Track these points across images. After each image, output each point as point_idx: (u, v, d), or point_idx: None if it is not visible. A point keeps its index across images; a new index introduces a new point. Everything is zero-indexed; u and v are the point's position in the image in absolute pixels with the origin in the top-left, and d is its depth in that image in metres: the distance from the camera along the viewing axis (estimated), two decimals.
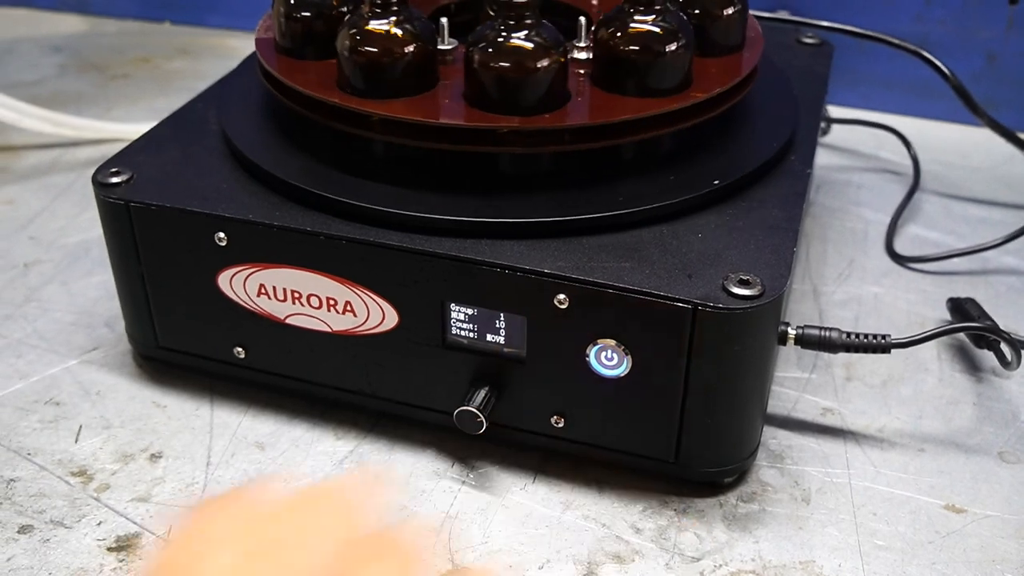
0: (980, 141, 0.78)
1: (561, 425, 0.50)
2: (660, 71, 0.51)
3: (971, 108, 0.73)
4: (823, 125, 0.82)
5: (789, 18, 0.76)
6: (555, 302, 0.46)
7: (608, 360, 0.47)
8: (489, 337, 0.49)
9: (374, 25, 0.50)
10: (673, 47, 0.50)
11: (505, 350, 0.49)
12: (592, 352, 0.47)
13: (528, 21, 0.48)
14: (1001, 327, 0.57)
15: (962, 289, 0.65)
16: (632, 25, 0.50)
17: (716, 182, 0.51)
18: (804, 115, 0.60)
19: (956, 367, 0.59)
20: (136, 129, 0.78)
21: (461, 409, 0.49)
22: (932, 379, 0.58)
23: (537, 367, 0.49)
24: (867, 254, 0.69)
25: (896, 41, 0.73)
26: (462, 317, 0.49)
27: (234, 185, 0.52)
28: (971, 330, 0.55)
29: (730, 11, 0.55)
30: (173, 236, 0.52)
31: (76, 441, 0.54)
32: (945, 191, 0.77)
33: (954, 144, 0.83)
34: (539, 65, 0.48)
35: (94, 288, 0.65)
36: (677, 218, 0.50)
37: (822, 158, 0.80)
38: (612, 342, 0.46)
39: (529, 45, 0.48)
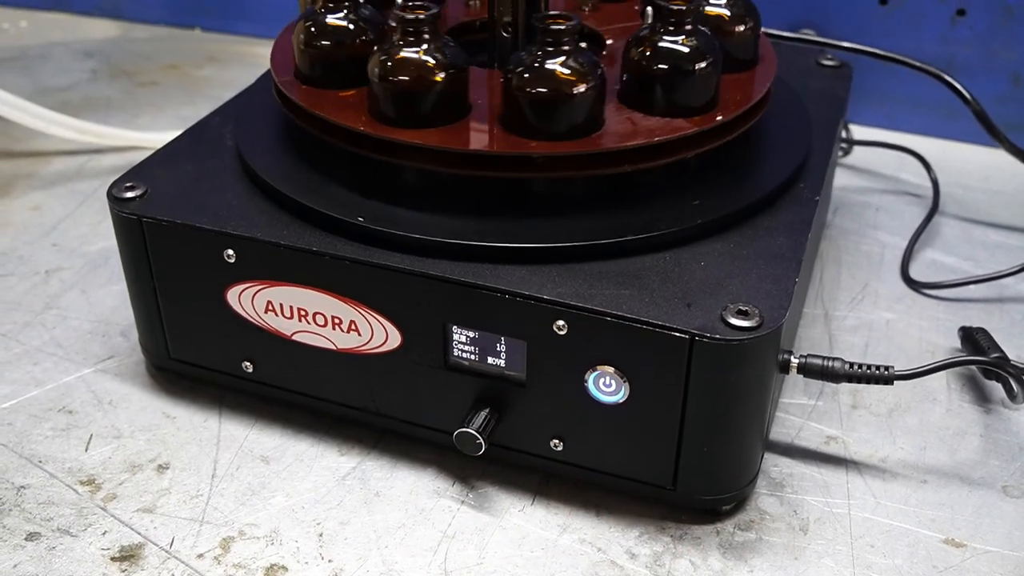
0: (1003, 164, 0.78)
1: (560, 448, 0.50)
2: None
3: (991, 132, 0.72)
4: (844, 146, 0.82)
5: (811, 38, 0.75)
6: (554, 328, 0.46)
7: (606, 386, 0.47)
8: (490, 360, 0.49)
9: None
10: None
11: (506, 373, 0.49)
12: (591, 378, 0.47)
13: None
14: (1012, 358, 0.57)
15: (976, 317, 0.65)
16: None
17: (719, 212, 0.51)
18: (818, 139, 0.60)
19: (965, 397, 0.59)
20: (158, 138, 0.79)
21: (461, 431, 0.49)
22: (940, 409, 0.58)
23: (537, 391, 0.49)
24: (881, 279, 0.69)
25: (918, 64, 0.72)
26: (463, 339, 0.49)
27: (245, 202, 0.53)
28: (975, 363, 0.55)
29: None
30: (184, 251, 0.53)
31: (86, 450, 0.55)
32: (965, 215, 0.76)
33: (976, 166, 0.82)
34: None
35: (112, 297, 0.66)
36: (681, 245, 0.50)
37: (842, 179, 0.80)
38: (610, 369, 0.47)
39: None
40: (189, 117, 0.87)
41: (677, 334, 0.44)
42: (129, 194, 0.54)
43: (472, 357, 0.49)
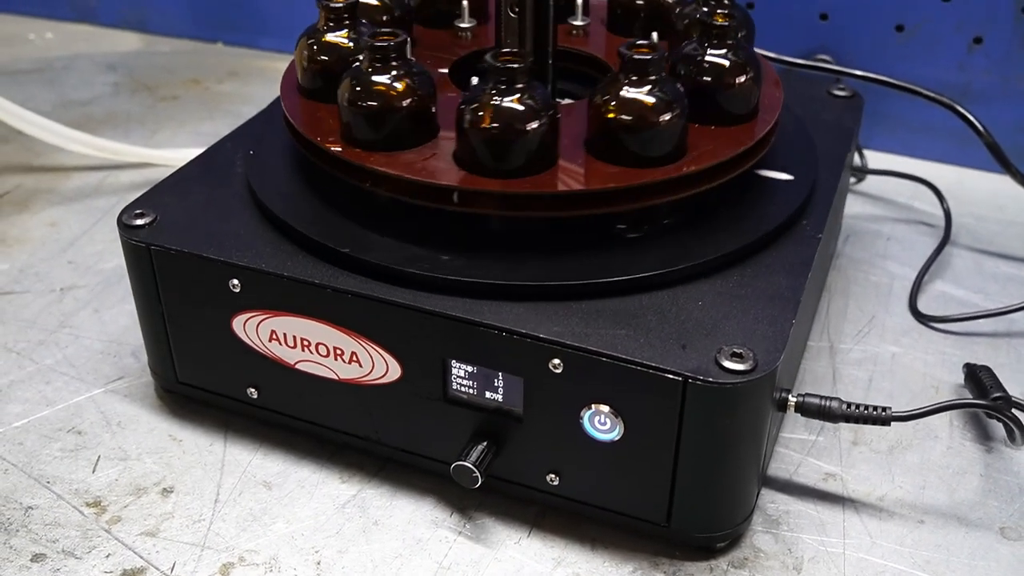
0: (1017, 194, 0.77)
1: (556, 483, 0.51)
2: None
3: (1003, 164, 0.72)
4: (855, 175, 0.82)
5: (824, 66, 0.75)
6: (550, 366, 0.47)
7: (601, 424, 0.48)
8: (488, 394, 0.50)
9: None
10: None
11: (503, 408, 0.50)
12: (586, 416, 0.48)
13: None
14: (1017, 395, 0.56)
15: (983, 352, 0.65)
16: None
17: (719, 252, 0.51)
18: (824, 173, 0.60)
19: (967, 435, 0.58)
20: (174, 155, 0.81)
21: (457, 464, 0.50)
22: (940, 447, 0.58)
23: (533, 426, 0.49)
24: (889, 311, 0.69)
25: (931, 94, 0.72)
26: (462, 374, 0.50)
27: (252, 231, 0.54)
28: (973, 407, 0.54)
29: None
30: (191, 279, 0.54)
31: (94, 471, 0.56)
32: (977, 246, 0.76)
33: (991, 195, 0.82)
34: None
35: (124, 316, 0.67)
36: (680, 284, 0.50)
37: (855, 207, 0.80)
38: (605, 408, 0.47)
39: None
40: (207, 133, 0.89)
41: (671, 376, 0.45)
42: (139, 221, 0.55)
43: (471, 391, 0.50)
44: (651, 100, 0.50)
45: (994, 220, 0.79)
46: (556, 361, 0.47)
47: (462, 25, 0.66)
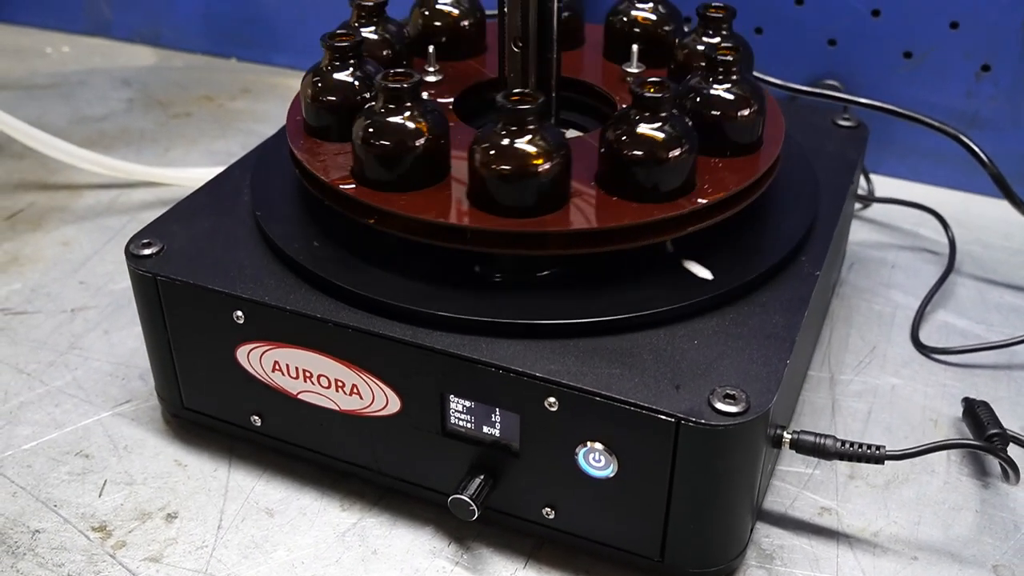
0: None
1: (552, 516, 0.51)
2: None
3: (1007, 195, 0.72)
4: (861, 202, 0.82)
5: (830, 93, 0.76)
6: (546, 404, 0.48)
7: (596, 461, 0.48)
8: (485, 429, 0.50)
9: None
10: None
11: (500, 442, 0.50)
12: (581, 453, 0.48)
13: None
14: (1016, 430, 0.57)
15: (983, 384, 0.65)
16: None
17: (715, 290, 0.51)
18: (825, 207, 0.60)
19: (964, 470, 0.59)
20: (184, 175, 0.82)
21: (455, 497, 0.50)
22: (937, 482, 0.58)
23: (529, 461, 0.50)
24: (891, 341, 0.69)
25: (936, 123, 0.73)
26: (460, 408, 0.50)
27: (257, 262, 0.55)
28: (966, 447, 0.55)
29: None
30: (196, 310, 0.54)
31: (100, 495, 0.57)
32: (982, 275, 0.76)
33: (997, 223, 0.82)
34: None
35: (133, 338, 0.68)
36: (676, 322, 0.51)
37: (860, 233, 0.80)
38: (600, 445, 0.48)
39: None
40: (219, 152, 0.90)
41: (664, 417, 0.45)
42: (146, 251, 0.56)
43: (468, 425, 0.51)
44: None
45: (1000, 248, 0.79)
46: (551, 399, 0.47)
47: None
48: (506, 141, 0.50)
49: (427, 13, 0.67)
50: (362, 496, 0.57)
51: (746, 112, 0.56)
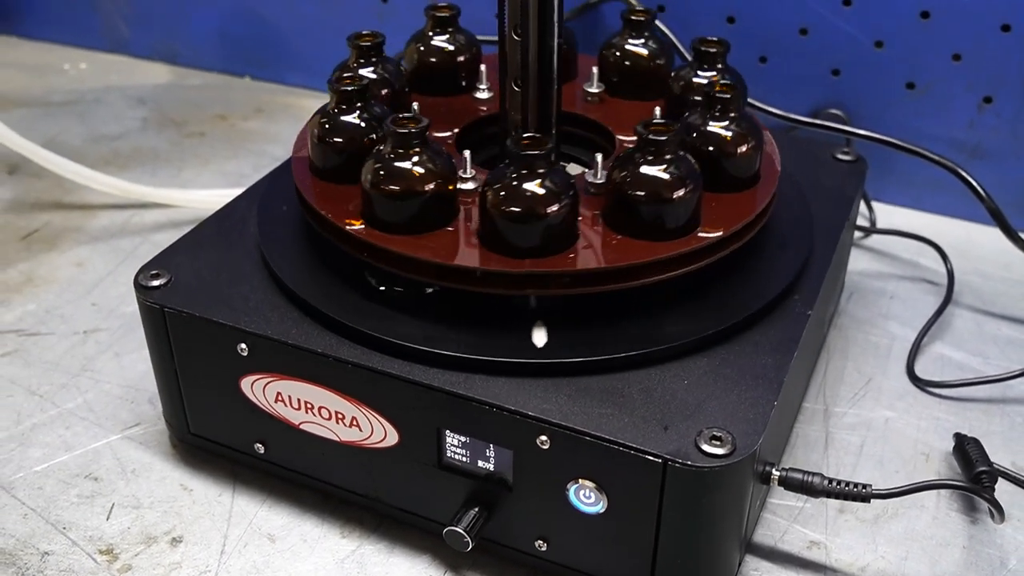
0: None
1: (544, 548, 0.53)
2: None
3: (1004, 230, 0.73)
4: (861, 231, 0.83)
5: (830, 125, 0.77)
6: (538, 442, 0.49)
7: (586, 498, 0.50)
8: (480, 463, 0.52)
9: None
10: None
11: (495, 476, 0.52)
12: (572, 489, 0.50)
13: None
14: (1007, 465, 0.58)
15: (976, 418, 0.66)
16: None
17: (706, 331, 0.53)
18: (819, 245, 0.61)
19: (953, 505, 0.60)
20: (196, 198, 0.83)
21: (449, 529, 0.52)
22: (927, 517, 0.59)
23: (523, 495, 0.51)
24: (886, 374, 0.70)
25: (935, 157, 0.74)
26: (456, 443, 0.52)
27: (261, 296, 0.56)
28: (952, 487, 0.56)
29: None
30: (202, 341, 0.56)
31: (108, 519, 0.58)
32: (980, 306, 0.77)
33: (998, 253, 0.82)
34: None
35: (143, 361, 0.69)
36: (667, 361, 0.52)
37: (860, 262, 0.81)
38: (590, 483, 0.49)
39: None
40: (231, 173, 0.92)
41: (651, 457, 0.47)
42: (154, 282, 0.58)
43: (464, 459, 0.52)
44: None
45: (999, 279, 0.80)
46: (543, 437, 0.49)
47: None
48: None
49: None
50: (361, 523, 0.58)
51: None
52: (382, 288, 0.54)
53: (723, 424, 0.48)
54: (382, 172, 0.53)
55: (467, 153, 0.58)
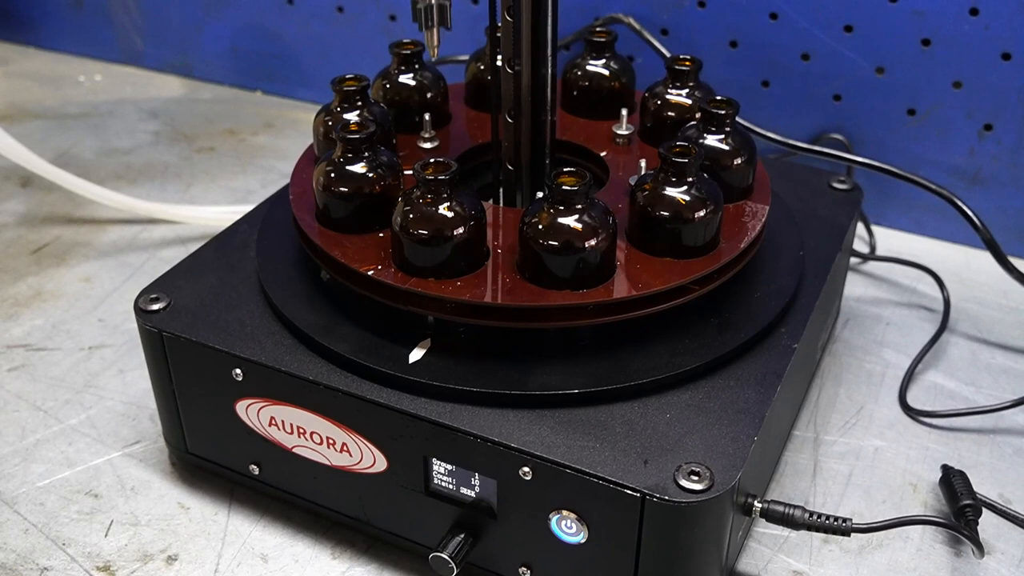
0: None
1: (528, 575, 0.53)
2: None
3: (999, 260, 0.73)
4: (859, 257, 0.84)
5: (829, 151, 0.77)
6: (520, 473, 0.50)
7: (568, 528, 0.51)
8: (465, 491, 0.53)
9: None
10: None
11: (480, 504, 0.53)
12: (554, 519, 0.51)
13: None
14: (993, 497, 0.59)
15: (966, 449, 0.66)
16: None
17: (691, 364, 0.54)
18: (810, 277, 0.62)
19: (938, 537, 0.60)
20: (201, 215, 0.85)
21: (435, 555, 0.53)
22: (911, 549, 0.59)
23: (506, 523, 0.52)
24: (878, 402, 0.70)
25: (932, 186, 0.74)
26: (442, 471, 0.53)
27: (257, 322, 0.58)
28: (933, 524, 0.56)
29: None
30: (199, 365, 0.57)
31: (106, 535, 0.60)
32: (976, 334, 0.77)
33: (996, 280, 0.83)
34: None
35: (145, 379, 0.70)
36: (651, 394, 0.53)
37: (857, 288, 0.82)
38: (571, 514, 0.50)
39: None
40: (238, 189, 0.93)
41: (629, 491, 0.48)
42: (154, 306, 0.59)
43: (450, 487, 0.53)
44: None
45: (996, 306, 0.80)
46: (526, 469, 0.50)
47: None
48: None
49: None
50: (352, 544, 0.59)
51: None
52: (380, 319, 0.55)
53: (703, 459, 0.49)
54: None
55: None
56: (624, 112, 0.68)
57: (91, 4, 1.17)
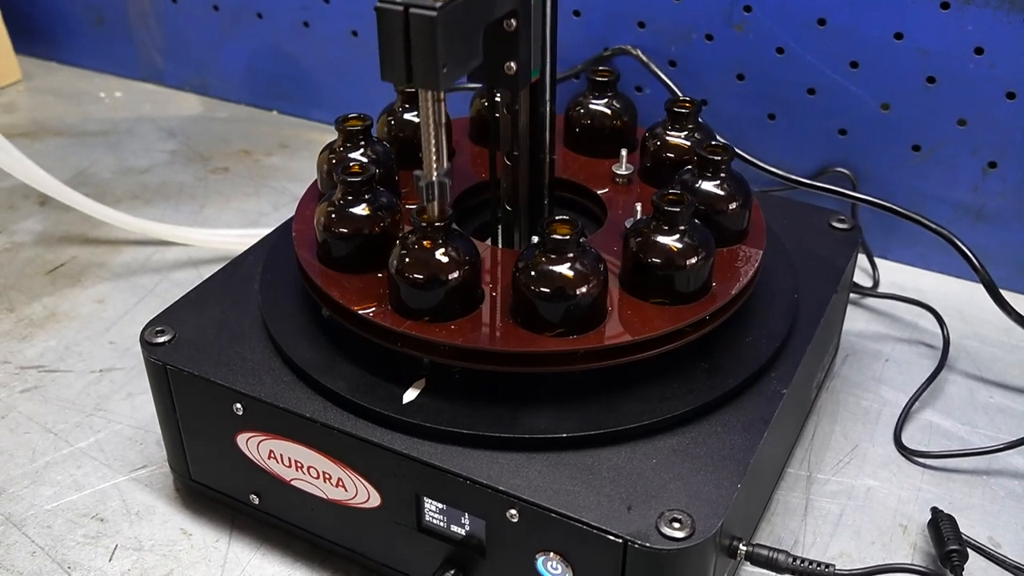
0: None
1: None
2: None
3: (997, 301, 0.74)
4: (860, 292, 0.84)
5: (830, 187, 0.78)
6: (507, 515, 0.51)
7: (553, 569, 0.52)
8: (456, 529, 0.54)
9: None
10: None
11: (470, 542, 0.54)
12: (540, 559, 0.52)
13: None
14: (982, 540, 0.59)
15: (959, 491, 0.67)
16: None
17: (679, 409, 0.55)
18: (803, 320, 0.63)
19: None
20: (213, 239, 0.86)
21: None
22: None
23: (495, 562, 0.54)
24: (873, 440, 0.71)
25: (933, 225, 0.75)
26: (434, 508, 0.54)
27: (259, 357, 0.59)
28: (916, 572, 0.57)
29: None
30: (201, 398, 0.59)
31: (110, 560, 0.62)
32: (975, 372, 0.78)
33: (998, 317, 0.82)
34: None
35: (152, 403, 0.72)
36: (639, 439, 0.54)
37: (859, 323, 0.82)
38: (557, 555, 0.51)
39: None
40: (250, 211, 0.95)
41: (612, 537, 0.49)
42: (159, 339, 0.61)
43: (441, 524, 0.55)
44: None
45: (996, 344, 0.81)
46: (513, 511, 0.51)
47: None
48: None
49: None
50: (348, 575, 0.61)
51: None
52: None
53: (685, 506, 0.50)
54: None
55: None
56: (624, 152, 0.69)
57: (112, 21, 1.19)
